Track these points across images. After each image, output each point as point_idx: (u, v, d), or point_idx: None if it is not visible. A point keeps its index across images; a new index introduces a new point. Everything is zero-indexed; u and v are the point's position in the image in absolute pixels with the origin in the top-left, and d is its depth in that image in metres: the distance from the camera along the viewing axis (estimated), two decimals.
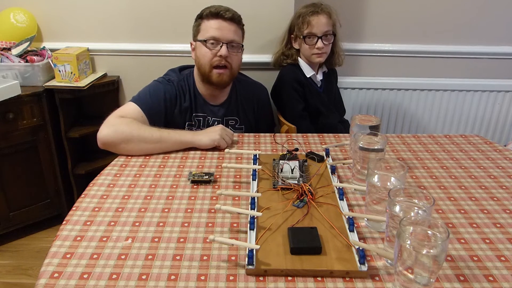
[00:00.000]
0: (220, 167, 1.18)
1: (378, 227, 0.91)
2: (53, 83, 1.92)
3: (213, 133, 1.29)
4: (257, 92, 1.69)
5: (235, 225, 0.92)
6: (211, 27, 1.45)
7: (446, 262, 0.81)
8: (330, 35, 1.74)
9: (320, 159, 1.20)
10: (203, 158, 1.23)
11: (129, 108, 1.38)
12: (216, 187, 1.08)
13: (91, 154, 2.19)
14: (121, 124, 1.27)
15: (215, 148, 1.28)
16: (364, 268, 0.78)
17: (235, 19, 1.47)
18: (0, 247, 1.99)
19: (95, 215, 0.96)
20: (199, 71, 1.51)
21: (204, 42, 1.45)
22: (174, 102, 1.49)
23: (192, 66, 1.59)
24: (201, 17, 1.49)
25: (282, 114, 1.80)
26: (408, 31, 2.16)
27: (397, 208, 0.79)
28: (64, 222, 0.93)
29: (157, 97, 1.45)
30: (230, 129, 1.56)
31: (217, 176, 1.13)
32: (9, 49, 1.93)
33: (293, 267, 0.78)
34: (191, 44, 1.54)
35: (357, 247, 0.82)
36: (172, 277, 0.77)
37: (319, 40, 1.71)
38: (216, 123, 1.55)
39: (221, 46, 1.44)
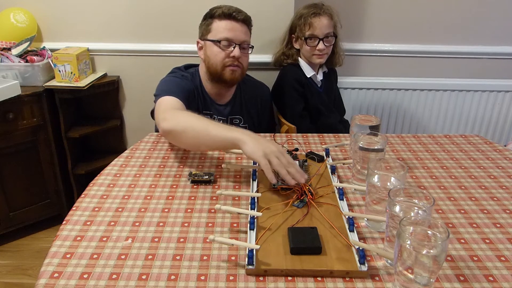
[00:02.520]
0: (220, 167, 1.18)
1: (378, 227, 0.91)
2: (53, 83, 1.92)
3: (260, 147, 1.02)
4: (261, 91, 1.70)
5: (235, 225, 0.92)
6: (224, 28, 1.44)
7: (446, 262, 0.81)
8: (331, 37, 1.74)
9: (320, 159, 1.20)
10: (203, 158, 1.23)
11: (170, 102, 1.29)
12: (216, 187, 1.08)
13: (91, 154, 2.20)
14: (179, 115, 1.21)
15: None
16: (364, 268, 0.78)
17: (247, 21, 1.48)
18: (0, 247, 1.99)
19: (95, 215, 0.96)
20: (208, 70, 1.50)
21: (218, 42, 1.45)
22: (193, 96, 1.48)
23: (197, 65, 1.59)
24: (212, 16, 1.48)
25: (282, 114, 1.80)
26: (408, 31, 2.16)
27: (397, 208, 0.79)
28: (64, 222, 0.93)
29: (183, 87, 1.41)
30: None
31: (217, 176, 1.13)
32: (9, 49, 1.93)
33: (293, 267, 0.78)
34: (198, 42, 1.54)
35: (357, 247, 0.82)
36: (172, 277, 0.77)
37: (320, 42, 1.71)
38: (221, 122, 1.55)
39: (234, 47, 1.45)
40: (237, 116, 1.60)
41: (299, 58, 1.80)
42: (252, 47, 1.53)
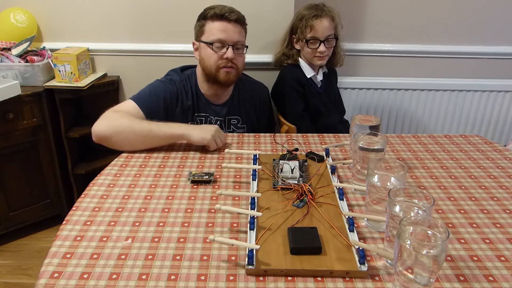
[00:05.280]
0: (220, 167, 1.18)
1: (378, 227, 0.91)
2: (53, 83, 1.92)
3: (206, 132, 1.26)
4: (259, 91, 1.70)
5: (235, 225, 0.92)
6: (217, 30, 1.44)
7: (446, 262, 0.81)
8: (332, 39, 1.74)
9: (320, 159, 1.20)
10: (203, 158, 1.23)
11: (127, 105, 1.39)
12: (216, 187, 1.08)
13: (91, 154, 2.19)
14: (114, 118, 1.29)
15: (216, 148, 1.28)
16: (364, 268, 0.78)
17: (240, 20, 1.47)
18: (0, 247, 1.99)
19: (95, 215, 0.96)
20: (203, 72, 1.50)
21: (210, 44, 1.45)
22: (175, 102, 1.49)
23: (194, 66, 1.59)
24: (205, 18, 1.47)
25: (282, 114, 1.80)
26: (408, 31, 2.16)
27: (397, 208, 0.79)
28: (64, 222, 0.93)
29: (157, 96, 1.45)
30: (232, 128, 1.57)
31: (217, 176, 1.13)
32: (9, 49, 1.93)
33: (293, 267, 0.78)
34: (194, 44, 1.54)
35: (357, 247, 0.82)
36: (172, 277, 0.77)
37: (321, 44, 1.70)
38: (218, 122, 1.55)
39: (227, 49, 1.44)
40: (235, 117, 1.59)
41: (299, 58, 1.80)
42: (247, 47, 1.53)
